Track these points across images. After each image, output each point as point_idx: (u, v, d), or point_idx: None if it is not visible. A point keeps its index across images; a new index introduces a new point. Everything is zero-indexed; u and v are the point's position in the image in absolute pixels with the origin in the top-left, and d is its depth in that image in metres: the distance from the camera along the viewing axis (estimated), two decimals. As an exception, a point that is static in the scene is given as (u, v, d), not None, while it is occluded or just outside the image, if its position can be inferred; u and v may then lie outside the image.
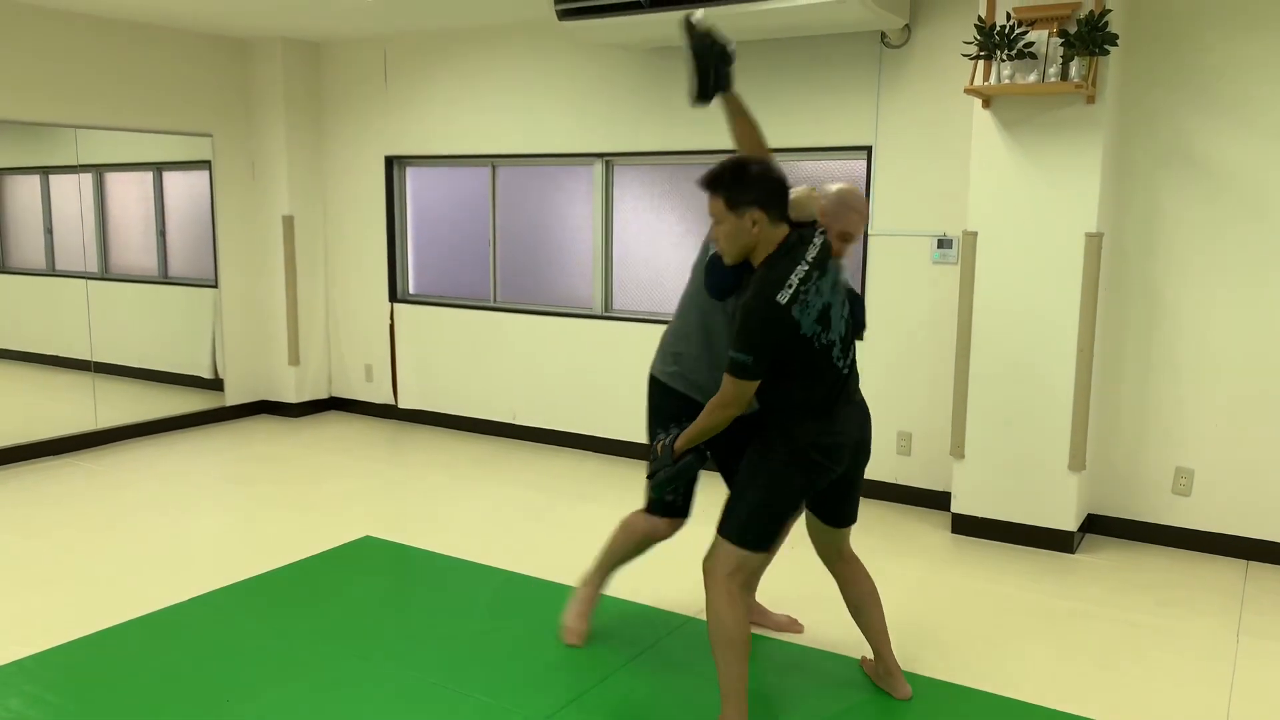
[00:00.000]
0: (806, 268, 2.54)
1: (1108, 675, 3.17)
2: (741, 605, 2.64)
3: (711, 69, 2.77)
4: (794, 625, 3.44)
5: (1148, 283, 4.29)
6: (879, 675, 3.06)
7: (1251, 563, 4.17)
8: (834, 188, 3.00)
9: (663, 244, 5.57)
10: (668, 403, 3.01)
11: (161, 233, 6.84)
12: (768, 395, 2.63)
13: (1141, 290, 4.30)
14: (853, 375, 2.72)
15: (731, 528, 2.66)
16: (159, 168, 6.67)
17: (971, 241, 4.29)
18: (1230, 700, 3.01)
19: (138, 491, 5.03)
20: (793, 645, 3.18)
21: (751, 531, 2.65)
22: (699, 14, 2.80)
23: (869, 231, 4.83)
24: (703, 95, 2.79)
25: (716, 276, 2.80)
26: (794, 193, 2.71)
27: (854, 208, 2.97)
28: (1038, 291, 4.17)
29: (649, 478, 2.79)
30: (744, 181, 2.58)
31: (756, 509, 2.64)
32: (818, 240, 2.63)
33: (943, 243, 4.67)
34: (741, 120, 2.83)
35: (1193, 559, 4.22)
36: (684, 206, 5.49)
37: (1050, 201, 4.10)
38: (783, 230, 2.60)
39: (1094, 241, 4.04)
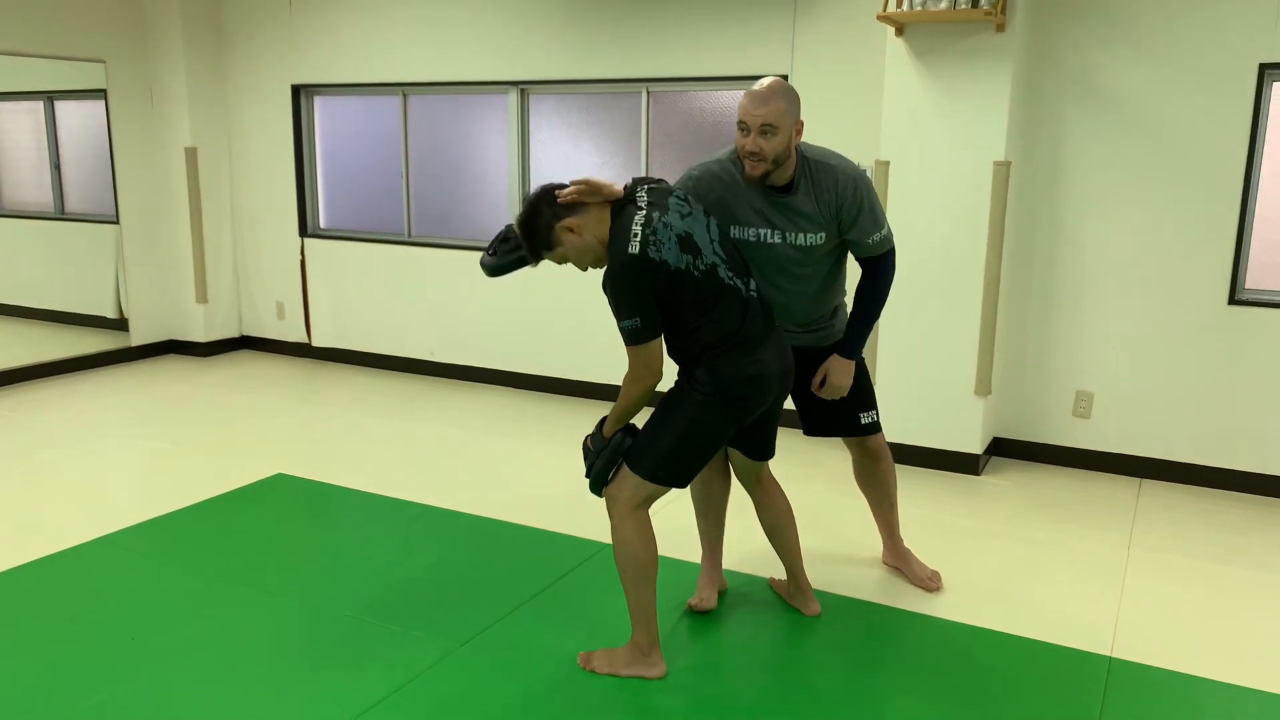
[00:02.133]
0: (643, 213, 2.52)
1: (1007, 588, 3.30)
2: (650, 531, 2.64)
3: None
4: (934, 581, 3.28)
5: (1053, 210, 4.38)
6: (790, 593, 3.13)
7: (1144, 480, 4.36)
8: None
9: (581, 175, 5.49)
10: None
11: (56, 166, 6.53)
12: (684, 344, 2.60)
13: (1047, 218, 4.40)
14: (763, 300, 2.70)
15: (645, 464, 2.60)
16: (50, 97, 6.34)
17: (884, 171, 4.32)
18: (1120, 608, 3.17)
19: (39, 433, 4.86)
20: (698, 566, 3.22)
21: (667, 469, 2.60)
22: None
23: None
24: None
25: None
26: None
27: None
28: (947, 220, 4.23)
29: (587, 475, 2.70)
30: (530, 224, 2.61)
31: (675, 446, 2.59)
32: (643, 191, 2.61)
33: (857, 173, 4.69)
34: None
35: (1090, 478, 4.39)
36: (602, 137, 5.42)
37: (960, 130, 4.14)
38: (604, 212, 2.58)
39: (1002, 170, 4.11)
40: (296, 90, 6.19)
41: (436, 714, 2.53)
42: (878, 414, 3.17)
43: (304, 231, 6.36)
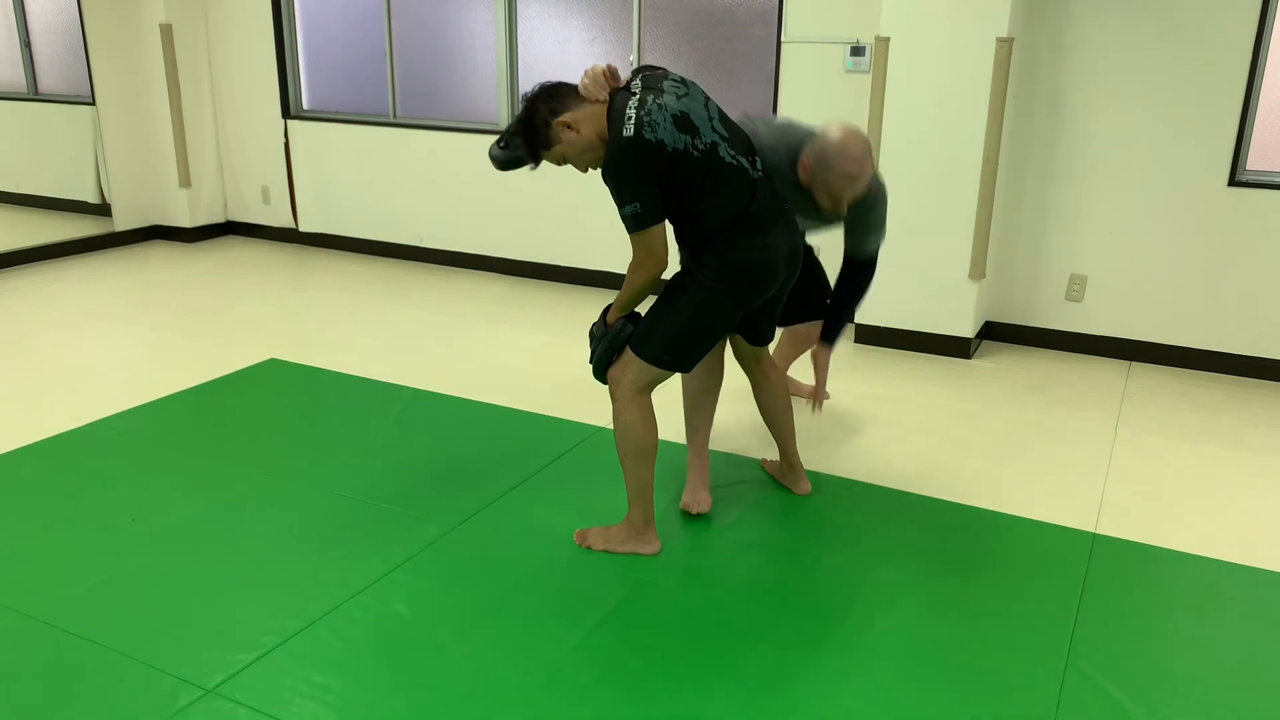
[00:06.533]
0: (636, 97, 2.45)
1: (996, 468, 3.36)
2: (652, 416, 2.66)
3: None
4: (820, 393, 3.36)
5: (1055, 90, 4.28)
6: (781, 473, 3.18)
7: (1134, 363, 4.39)
8: (830, 134, 2.74)
9: (571, 53, 5.33)
10: None
11: (26, 44, 6.30)
12: (692, 230, 2.55)
13: (1048, 98, 4.30)
14: (771, 181, 2.63)
15: (650, 348, 2.59)
16: (14, -31, 6.08)
17: (884, 48, 4.19)
18: (1105, 486, 3.23)
19: (27, 319, 4.82)
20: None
21: (673, 353, 2.60)
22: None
23: (782, 41, 4.69)
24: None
25: None
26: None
27: (835, 167, 2.69)
28: (947, 100, 4.13)
29: (591, 361, 2.70)
30: (528, 122, 2.50)
31: (681, 331, 2.59)
32: (637, 79, 2.54)
33: (856, 50, 4.57)
34: None
35: (1081, 361, 4.42)
36: (592, 12, 5.23)
37: (963, 5, 4.01)
38: (601, 109, 2.48)
39: (1004, 47, 3.99)
40: (273, -38, 5.93)
41: (435, 590, 2.59)
42: None
43: (287, 113, 6.19)
